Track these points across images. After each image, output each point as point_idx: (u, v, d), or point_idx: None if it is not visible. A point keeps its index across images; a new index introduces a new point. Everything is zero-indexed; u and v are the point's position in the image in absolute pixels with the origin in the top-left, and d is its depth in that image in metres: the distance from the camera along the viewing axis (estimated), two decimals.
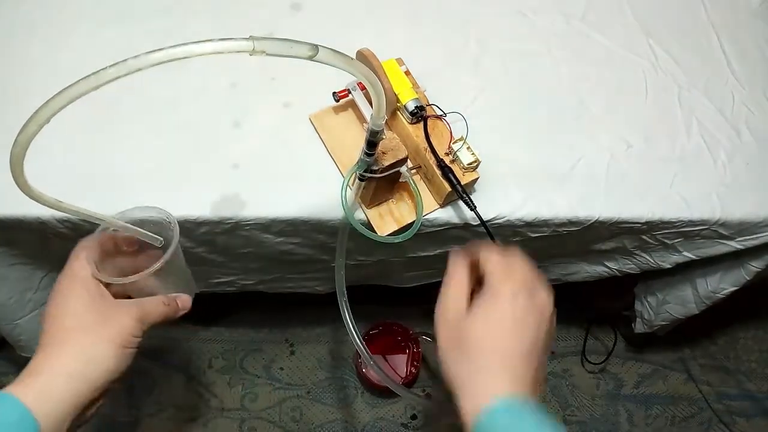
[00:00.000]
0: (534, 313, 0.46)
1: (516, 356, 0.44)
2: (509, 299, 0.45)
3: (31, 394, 0.40)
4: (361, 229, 0.61)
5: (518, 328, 0.45)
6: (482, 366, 0.44)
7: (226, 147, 0.69)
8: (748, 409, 1.31)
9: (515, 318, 0.45)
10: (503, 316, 0.45)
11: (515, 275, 0.46)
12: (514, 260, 0.48)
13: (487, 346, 0.44)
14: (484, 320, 0.45)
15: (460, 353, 0.45)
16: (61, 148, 0.66)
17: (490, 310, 0.45)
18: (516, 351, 0.44)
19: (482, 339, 0.45)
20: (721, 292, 0.87)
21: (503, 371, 0.43)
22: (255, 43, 0.32)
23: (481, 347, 0.44)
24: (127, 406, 1.17)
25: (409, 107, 0.64)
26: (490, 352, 0.44)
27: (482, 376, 0.43)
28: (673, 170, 0.75)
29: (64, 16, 0.76)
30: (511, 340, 0.44)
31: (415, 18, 0.82)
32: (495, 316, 0.45)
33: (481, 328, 0.45)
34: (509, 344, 0.44)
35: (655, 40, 0.85)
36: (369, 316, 1.21)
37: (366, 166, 0.55)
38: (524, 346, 0.44)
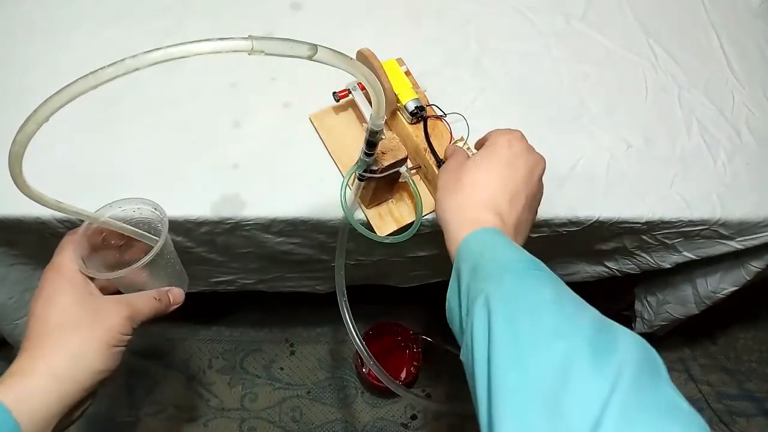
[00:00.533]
0: (526, 165, 0.51)
1: (500, 196, 0.49)
2: (505, 146, 0.51)
3: (12, 394, 0.38)
4: (361, 229, 0.62)
5: (507, 172, 0.50)
6: (469, 200, 0.49)
7: (226, 147, 0.69)
8: (748, 409, 1.31)
9: (507, 162, 0.50)
10: (497, 160, 0.50)
11: (514, 133, 0.53)
12: (514, 130, 0.54)
13: (477, 184, 0.50)
14: (478, 163, 0.51)
15: (453, 191, 0.50)
16: (60, 148, 0.66)
17: (485, 155, 0.51)
18: (501, 192, 0.49)
19: (473, 178, 0.50)
20: (721, 292, 0.87)
21: (487, 207, 0.48)
22: (254, 42, 0.32)
23: (471, 184, 0.50)
24: (127, 406, 1.17)
25: (409, 107, 0.64)
26: (479, 189, 0.49)
27: (468, 208, 0.49)
28: (673, 170, 0.75)
29: (64, 16, 0.76)
30: (499, 180, 0.49)
31: (415, 18, 0.82)
32: (489, 160, 0.51)
33: (473, 169, 0.51)
34: (497, 184, 0.49)
35: (655, 40, 0.85)
36: (369, 316, 1.21)
37: (365, 166, 0.55)
38: (510, 189, 0.49)
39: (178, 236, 0.67)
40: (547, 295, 0.40)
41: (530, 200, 0.52)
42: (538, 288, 0.41)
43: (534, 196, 0.52)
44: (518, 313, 0.38)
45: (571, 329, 0.36)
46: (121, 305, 0.45)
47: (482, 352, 0.37)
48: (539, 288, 0.41)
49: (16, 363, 0.41)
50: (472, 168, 0.51)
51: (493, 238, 0.46)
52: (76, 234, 0.47)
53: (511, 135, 0.52)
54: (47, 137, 0.72)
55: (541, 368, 0.33)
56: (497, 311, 0.38)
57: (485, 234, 0.47)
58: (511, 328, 0.37)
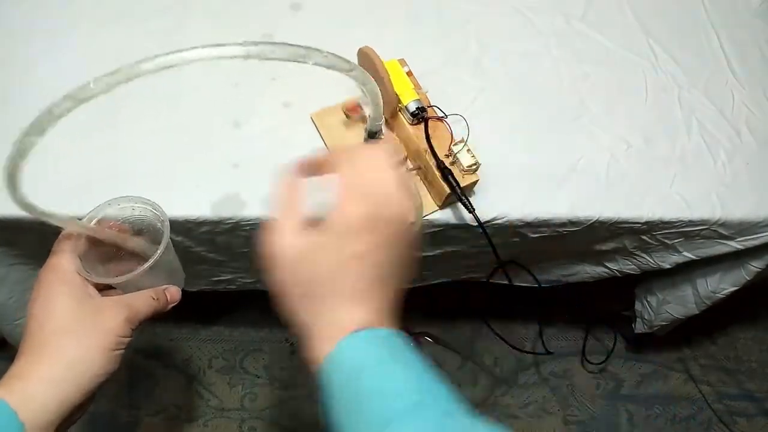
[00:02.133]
0: (388, 233, 0.38)
1: (368, 286, 0.38)
2: (356, 222, 0.37)
3: (16, 397, 0.38)
4: None
5: (370, 254, 0.38)
6: (329, 302, 0.37)
7: (226, 147, 0.69)
8: (748, 409, 1.31)
9: (367, 242, 0.37)
10: (350, 244, 0.37)
11: (363, 189, 0.38)
12: (362, 167, 0.40)
13: (335, 278, 0.37)
14: (328, 250, 0.38)
15: (303, 294, 0.38)
16: (61, 148, 0.66)
17: (333, 238, 0.38)
18: (368, 280, 0.38)
19: (328, 272, 0.37)
20: (721, 292, 0.87)
21: (353, 304, 0.37)
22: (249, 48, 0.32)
23: (326, 281, 0.37)
24: (127, 406, 1.17)
25: (411, 108, 0.64)
26: (338, 285, 0.37)
27: (329, 313, 0.37)
28: (673, 170, 0.75)
29: (64, 16, 0.76)
30: (362, 267, 0.38)
31: (415, 18, 0.81)
32: (340, 243, 0.37)
33: (325, 260, 0.37)
34: (359, 273, 0.38)
35: (655, 40, 0.85)
36: None
37: None
38: (377, 272, 0.38)
39: (178, 236, 0.67)
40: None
41: (404, 261, 0.40)
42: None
43: (408, 248, 0.40)
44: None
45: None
46: (120, 307, 0.44)
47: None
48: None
49: (16, 366, 0.41)
50: (317, 257, 0.38)
51: (367, 352, 0.36)
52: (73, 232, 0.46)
53: (360, 202, 0.38)
54: (47, 137, 0.72)
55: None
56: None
57: (358, 346, 0.36)
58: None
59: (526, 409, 1.25)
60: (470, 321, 1.31)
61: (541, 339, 1.27)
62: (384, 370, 0.35)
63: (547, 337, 1.32)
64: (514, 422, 1.24)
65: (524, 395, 1.27)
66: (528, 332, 1.31)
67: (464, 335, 1.30)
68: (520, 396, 1.26)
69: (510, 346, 1.23)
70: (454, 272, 0.88)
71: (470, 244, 0.74)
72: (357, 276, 0.38)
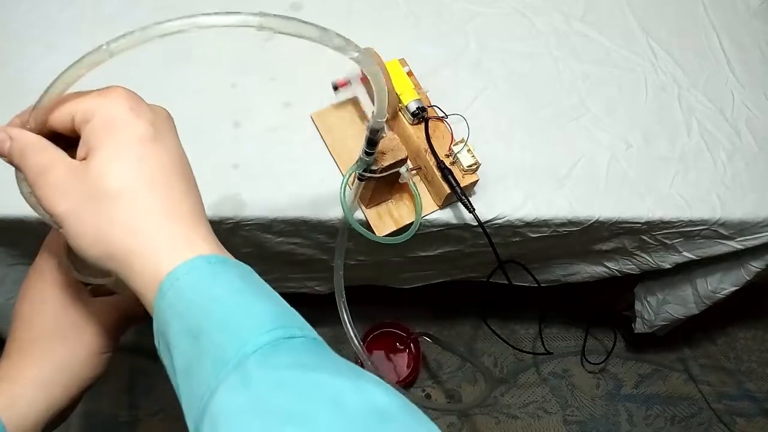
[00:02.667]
0: (164, 124, 0.33)
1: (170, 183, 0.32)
2: (132, 119, 0.31)
3: (2, 399, 0.37)
4: (360, 229, 0.61)
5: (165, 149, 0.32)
6: (136, 213, 0.30)
7: (226, 147, 0.69)
8: (748, 409, 1.31)
9: (148, 134, 0.31)
10: (133, 132, 0.31)
11: (110, 89, 0.33)
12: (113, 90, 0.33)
13: (136, 179, 0.30)
14: (117, 150, 0.30)
15: (102, 205, 0.30)
16: None
17: (110, 133, 0.31)
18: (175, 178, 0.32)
19: (117, 172, 0.30)
20: (721, 292, 0.87)
21: (173, 213, 0.31)
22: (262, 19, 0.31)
23: (129, 183, 0.30)
24: (127, 406, 1.17)
25: (411, 108, 0.64)
26: (146, 187, 0.30)
27: (147, 227, 0.30)
28: (673, 170, 0.75)
29: (64, 16, 0.76)
30: (163, 164, 0.32)
31: (415, 18, 0.81)
32: (121, 135, 0.31)
33: (110, 159, 0.30)
34: (163, 170, 0.32)
35: (655, 40, 0.85)
36: (369, 316, 1.21)
37: (365, 165, 0.55)
38: (180, 169, 0.33)
39: None
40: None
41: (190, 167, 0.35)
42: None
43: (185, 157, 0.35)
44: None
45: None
46: (110, 310, 0.42)
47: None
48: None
49: (1, 367, 0.40)
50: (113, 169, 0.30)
51: (214, 274, 0.30)
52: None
53: (126, 101, 0.32)
54: None
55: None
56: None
57: (200, 267, 0.30)
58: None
59: (526, 409, 1.25)
60: (470, 321, 1.31)
61: (541, 339, 1.28)
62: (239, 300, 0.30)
63: (547, 337, 1.32)
64: (514, 422, 1.24)
65: (524, 395, 1.27)
66: (528, 332, 1.31)
67: (464, 335, 1.30)
68: (520, 396, 1.26)
69: (510, 346, 1.24)
70: (454, 272, 0.88)
71: (470, 243, 0.75)
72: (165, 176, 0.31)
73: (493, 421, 1.23)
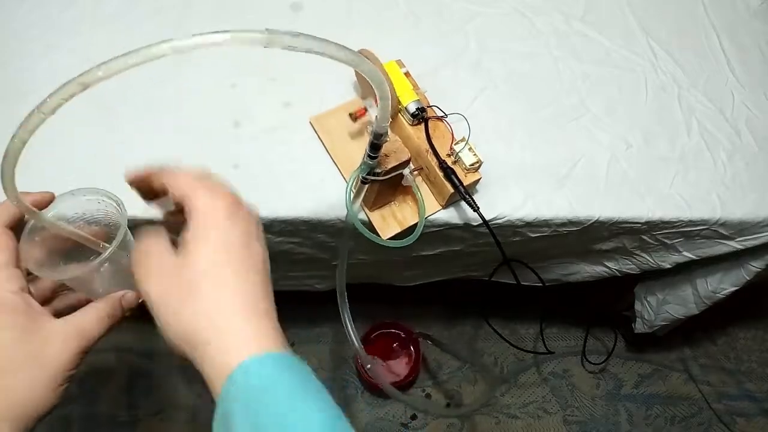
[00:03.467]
0: (254, 230, 0.38)
1: (253, 285, 0.36)
2: (229, 226, 0.36)
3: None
4: (367, 233, 0.61)
5: (251, 255, 0.36)
6: (217, 309, 0.34)
7: (226, 147, 0.69)
8: (748, 409, 1.31)
9: (243, 246, 0.36)
10: (227, 238, 0.35)
11: (218, 188, 0.38)
12: (207, 175, 0.39)
13: (218, 278, 0.34)
14: (204, 248, 0.35)
15: (188, 299, 0.34)
16: (60, 148, 0.66)
17: (208, 236, 0.35)
18: (257, 280, 0.36)
19: (208, 271, 0.34)
20: (721, 292, 0.87)
21: (249, 313, 0.34)
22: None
23: (210, 282, 0.34)
24: (127, 406, 1.17)
25: (410, 109, 0.64)
26: (222, 285, 0.34)
27: (224, 324, 0.34)
28: (673, 170, 0.75)
29: (64, 16, 0.76)
30: (248, 266, 0.36)
31: (415, 18, 0.81)
32: (216, 239, 0.35)
33: (203, 259, 0.34)
34: (248, 271, 0.35)
35: (655, 40, 0.85)
36: (369, 315, 1.21)
37: (369, 169, 0.55)
38: (262, 272, 0.37)
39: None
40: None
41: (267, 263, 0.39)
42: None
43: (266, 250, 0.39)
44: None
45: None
46: (70, 337, 0.39)
47: None
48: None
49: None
50: (195, 257, 0.35)
51: (276, 374, 0.33)
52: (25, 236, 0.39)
53: (224, 199, 0.37)
54: (47, 137, 0.72)
55: None
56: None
57: (266, 365, 0.33)
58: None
59: (526, 408, 1.25)
60: (471, 320, 1.31)
61: (541, 339, 1.28)
62: (295, 403, 0.32)
63: (547, 336, 1.32)
64: (514, 422, 1.24)
65: (524, 395, 1.27)
66: (528, 332, 1.31)
67: (465, 334, 1.30)
68: (520, 396, 1.26)
69: (511, 346, 1.24)
70: (455, 271, 0.88)
71: (471, 243, 0.75)
72: (243, 274, 0.35)
73: (493, 421, 1.23)
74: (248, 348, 0.33)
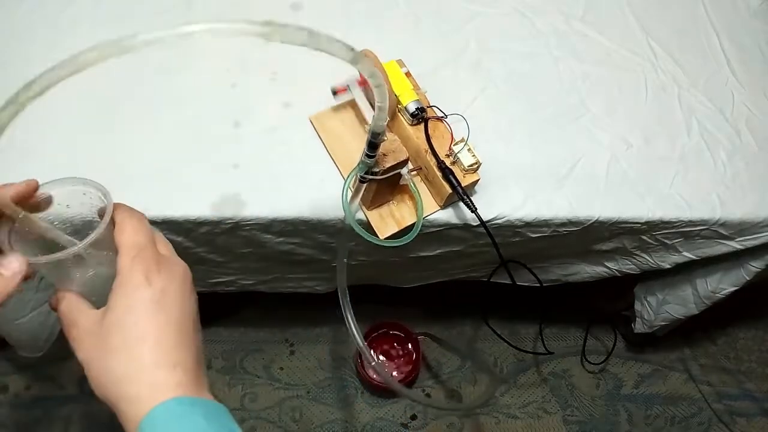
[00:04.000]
0: (176, 292, 0.39)
1: (170, 340, 0.38)
2: (143, 285, 0.38)
3: None
4: (363, 233, 0.61)
5: (163, 317, 0.38)
6: (133, 362, 0.36)
7: (227, 147, 0.69)
8: (748, 409, 1.31)
9: (155, 303, 0.38)
10: (143, 308, 0.38)
11: (145, 253, 0.39)
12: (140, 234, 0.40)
13: (134, 336, 0.37)
14: (124, 311, 0.37)
15: (106, 356, 0.37)
16: (61, 148, 0.66)
17: (127, 303, 0.38)
18: (167, 334, 0.38)
19: (127, 329, 0.37)
20: (721, 292, 0.87)
21: (158, 364, 0.36)
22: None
23: (127, 339, 0.37)
24: None
25: (410, 109, 0.64)
26: (139, 343, 0.37)
27: (137, 374, 0.36)
28: (673, 170, 0.75)
29: (64, 17, 0.76)
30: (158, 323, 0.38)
31: (415, 18, 0.82)
32: (134, 307, 0.38)
33: (122, 319, 0.37)
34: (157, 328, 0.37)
35: (655, 40, 0.85)
36: (369, 316, 1.21)
37: (367, 168, 0.55)
38: (175, 326, 0.38)
39: (178, 236, 0.67)
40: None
41: (196, 319, 0.41)
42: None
43: (196, 308, 0.42)
44: None
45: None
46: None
47: None
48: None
49: None
50: (115, 317, 0.37)
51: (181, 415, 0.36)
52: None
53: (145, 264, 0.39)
54: (48, 137, 0.72)
55: None
56: None
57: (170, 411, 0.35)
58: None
59: (526, 409, 1.25)
60: (470, 321, 1.31)
61: (541, 339, 1.27)
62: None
63: (547, 337, 1.32)
64: (514, 422, 1.24)
65: (524, 395, 1.26)
66: (528, 332, 1.31)
67: (465, 335, 1.30)
68: (520, 396, 1.26)
69: (511, 346, 1.24)
70: (454, 272, 0.88)
71: (470, 243, 0.75)
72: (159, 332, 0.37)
73: (493, 421, 1.23)
74: (156, 397, 0.35)
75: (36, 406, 1.14)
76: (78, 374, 1.17)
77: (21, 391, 1.15)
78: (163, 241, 0.42)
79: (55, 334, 0.88)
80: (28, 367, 1.14)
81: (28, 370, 1.15)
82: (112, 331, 0.37)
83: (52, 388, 1.16)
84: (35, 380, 1.15)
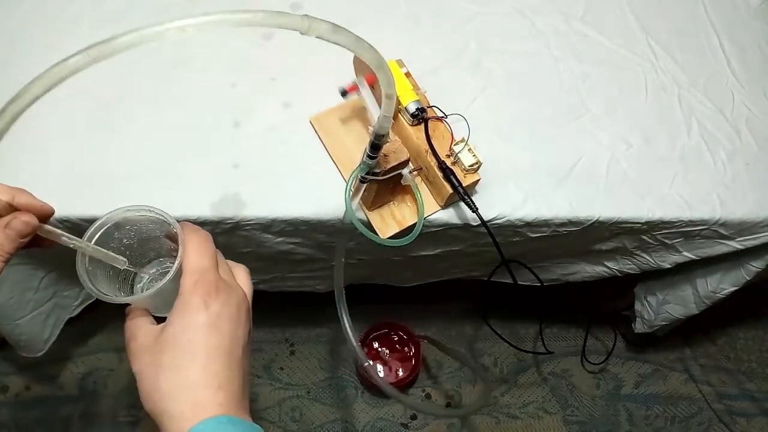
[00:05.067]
0: (230, 320, 0.42)
1: (218, 363, 0.40)
2: (201, 308, 0.40)
3: None
4: (367, 233, 0.61)
5: (215, 340, 0.40)
6: (180, 380, 0.39)
7: (227, 147, 0.69)
8: (748, 409, 1.31)
9: (209, 326, 0.40)
10: (196, 331, 0.40)
11: (206, 277, 0.41)
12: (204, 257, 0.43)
13: (185, 356, 0.39)
14: (180, 331, 0.40)
15: (156, 371, 0.39)
16: (61, 147, 0.66)
17: (184, 324, 0.40)
18: (216, 357, 0.40)
19: (179, 348, 0.40)
20: (721, 292, 0.87)
21: (204, 385, 0.39)
22: None
23: (178, 358, 0.39)
24: (127, 406, 1.17)
25: (410, 109, 0.64)
26: (189, 362, 0.39)
27: (181, 391, 0.38)
28: (673, 170, 0.75)
29: (64, 17, 0.76)
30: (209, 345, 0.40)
31: (415, 18, 0.82)
32: (185, 332, 0.40)
33: (176, 338, 0.40)
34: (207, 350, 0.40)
35: (655, 40, 0.85)
36: (369, 316, 1.21)
37: (368, 168, 0.55)
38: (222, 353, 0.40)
39: None
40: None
41: (246, 345, 0.43)
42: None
43: (247, 334, 0.44)
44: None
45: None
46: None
47: None
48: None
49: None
50: (170, 345, 0.40)
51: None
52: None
53: (203, 288, 0.41)
54: (48, 137, 0.72)
55: None
56: None
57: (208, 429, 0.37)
58: None
59: (526, 409, 1.25)
60: (470, 321, 1.31)
61: (541, 339, 1.27)
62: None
63: (547, 337, 1.32)
64: (514, 422, 1.24)
65: (524, 395, 1.27)
66: (528, 332, 1.31)
67: (465, 335, 1.30)
68: (520, 396, 1.26)
69: (511, 346, 1.24)
70: (455, 272, 0.88)
71: (470, 243, 0.75)
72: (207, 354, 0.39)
73: (493, 421, 1.23)
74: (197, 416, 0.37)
75: (36, 406, 1.14)
76: (78, 374, 1.17)
77: (21, 391, 1.15)
78: (225, 264, 0.45)
79: (55, 334, 0.88)
80: (28, 367, 1.14)
81: (28, 370, 1.15)
82: (165, 348, 0.40)
83: (52, 388, 1.16)
84: (35, 380, 1.16)
